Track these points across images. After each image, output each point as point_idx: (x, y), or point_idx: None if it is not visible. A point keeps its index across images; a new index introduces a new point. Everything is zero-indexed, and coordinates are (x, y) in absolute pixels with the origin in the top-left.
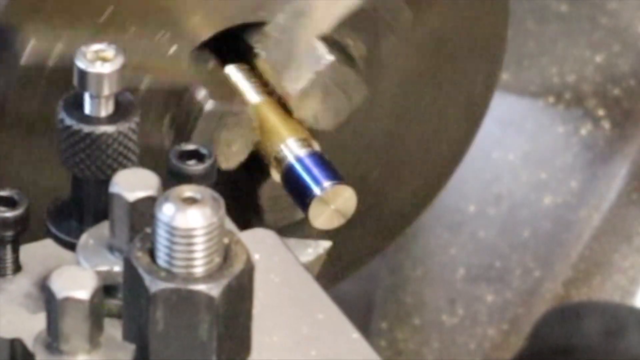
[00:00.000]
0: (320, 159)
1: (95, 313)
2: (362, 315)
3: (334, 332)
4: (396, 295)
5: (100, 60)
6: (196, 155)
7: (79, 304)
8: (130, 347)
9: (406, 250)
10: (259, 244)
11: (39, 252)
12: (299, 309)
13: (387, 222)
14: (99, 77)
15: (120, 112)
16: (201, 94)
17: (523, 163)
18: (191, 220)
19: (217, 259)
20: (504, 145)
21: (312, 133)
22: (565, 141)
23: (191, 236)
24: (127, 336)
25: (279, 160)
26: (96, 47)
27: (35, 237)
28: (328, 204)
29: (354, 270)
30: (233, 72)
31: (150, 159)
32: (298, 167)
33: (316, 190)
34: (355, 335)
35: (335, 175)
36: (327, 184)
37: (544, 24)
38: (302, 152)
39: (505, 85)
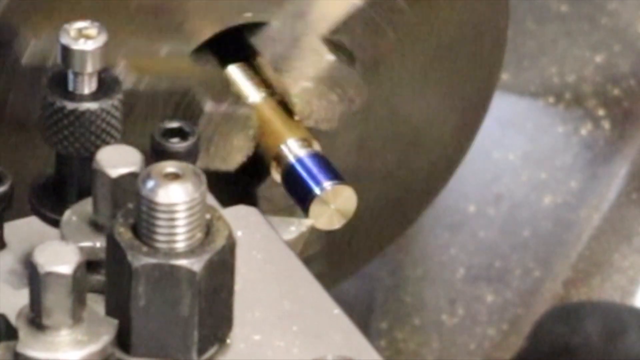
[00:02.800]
0: (320, 159)
1: (78, 288)
2: (362, 315)
3: (315, 308)
4: (396, 295)
5: (83, 37)
6: (180, 133)
7: (61, 279)
8: (113, 322)
9: (406, 250)
10: (242, 220)
11: (23, 229)
12: (281, 285)
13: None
14: (82, 54)
15: (104, 89)
16: (201, 95)
17: (523, 163)
18: (173, 196)
19: (199, 235)
20: (504, 145)
21: (313, 133)
22: (565, 141)
23: (173, 211)
24: (110, 311)
25: (279, 160)
26: (79, 24)
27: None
28: (328, 204)
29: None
30: (235, 72)
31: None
32: (298, 167)
33: (316, 190)
34: (337, 311)
35: (335, 175)
36: (327, 184)
37: (544, 24)
38: (303, 152)
39: (505, 85)
